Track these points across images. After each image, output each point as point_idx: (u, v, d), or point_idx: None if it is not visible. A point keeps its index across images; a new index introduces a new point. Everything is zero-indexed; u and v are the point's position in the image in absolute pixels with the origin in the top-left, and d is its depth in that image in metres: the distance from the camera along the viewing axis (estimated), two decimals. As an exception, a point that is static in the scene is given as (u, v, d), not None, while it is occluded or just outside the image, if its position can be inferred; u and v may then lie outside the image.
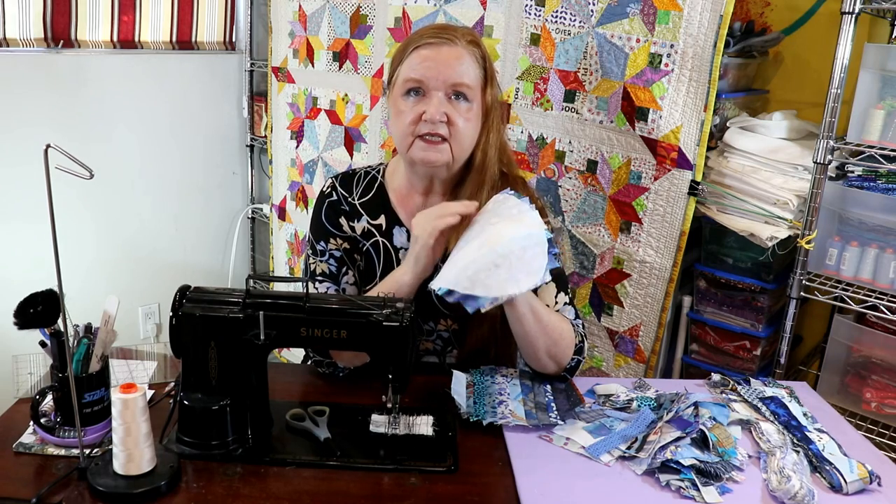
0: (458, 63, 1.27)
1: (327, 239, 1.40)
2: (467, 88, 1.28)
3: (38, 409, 1.06)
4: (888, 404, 1.67)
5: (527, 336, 1.25)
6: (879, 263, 1.59)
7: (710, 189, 1.73)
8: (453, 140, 1.29)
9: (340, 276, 1.39)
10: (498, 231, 1.16)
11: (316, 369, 1.34)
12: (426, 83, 1.27)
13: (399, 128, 1.30)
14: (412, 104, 1.28)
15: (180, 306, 1.07)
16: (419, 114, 1.27)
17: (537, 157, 1.95)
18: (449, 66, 1.27)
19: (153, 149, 2.71)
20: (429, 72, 1.26)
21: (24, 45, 2.31)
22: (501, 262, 1.13)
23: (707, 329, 1.87)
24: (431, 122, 1.26)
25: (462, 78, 1.27)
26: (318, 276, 1.38)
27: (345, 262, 1.39)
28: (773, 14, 1.88)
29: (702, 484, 1.04)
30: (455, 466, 1.07)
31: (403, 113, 1.29)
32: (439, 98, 1.27)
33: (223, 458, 1.06)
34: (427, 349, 1.44)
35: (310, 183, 2.65)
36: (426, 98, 1.28)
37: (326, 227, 1.40)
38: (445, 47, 1.27)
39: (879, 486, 1.07)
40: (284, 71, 2.65)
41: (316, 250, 1.40)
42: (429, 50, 1.27)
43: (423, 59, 1.27)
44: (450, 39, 1.28)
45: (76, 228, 2.53)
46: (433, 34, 1.29)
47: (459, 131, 1.29)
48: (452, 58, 1.27)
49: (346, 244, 1.40)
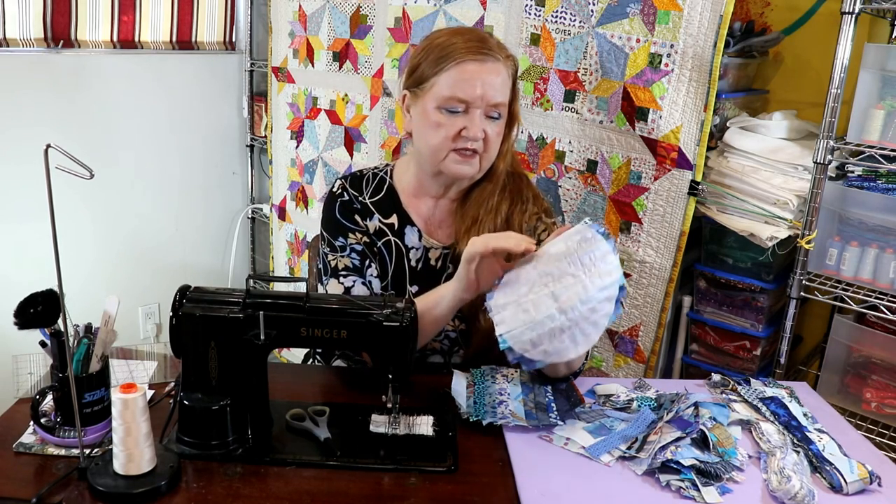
0: (499, 82, 1.29)
1: (346, 234, 1.39)
2: (503, 107, 1.31)
3: (38, 409, 1.06)
4: (888, 404, 1.67)
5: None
6: (879, 263, 1.59)
7: (710, 189, 1.73)
8: (484, 153, 1.32)
9: (365, 269, 1.39)
10: (575, 292, 1.11)
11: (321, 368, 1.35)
12: (471, 103, 1.28)
13: (433, 140, 1.31)
14: (451, 119, 1.29)
15: (180, 306, 1.07)
16: (458, 130, 1.29)
17: (537, 157, 1.95)
18: (492, 87, 1.28)
19: (153, 149, 2.71)
20: (474, 92, 1.27)
21: (24, 45, 2.31)
22: (568, 328, 1.12)
23: (707, 329, 1.87)
24: (473, 140, 1.28)
25: (500, 97, 1.29)
26: (342, 271, 1.37)
27: (367, 254, 1.39)
28: (773, 14, 1.88)
29: (702, 484, 1.04)
30: (455, 466, 1.07)
31: (442, 126, 1.29)
32: (479, 116, 1.29)
33: (223, 458, 1.06)
34: (434, 349, 1.44)
35: (310, 183, 2.65)
36: (466, 115, 1.29)
37: (343, 223, 1.40)
38: (489, 64, 1.28)
39: (879, 486, 1.07)
40: (284, 71, 2.65)
41: (335, 247, 1.39)
42: (473, 66, 1.27)
43: (469, 77, 1.27)
44: (492, 55, 1.29)
45: (76, 228, 2.53)
46: (475, 49, 1.28)
47: (490, 146, 1.32)
48: (494, 76, 1.28)
49: (365, 238, 1.40)
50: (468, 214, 1.38)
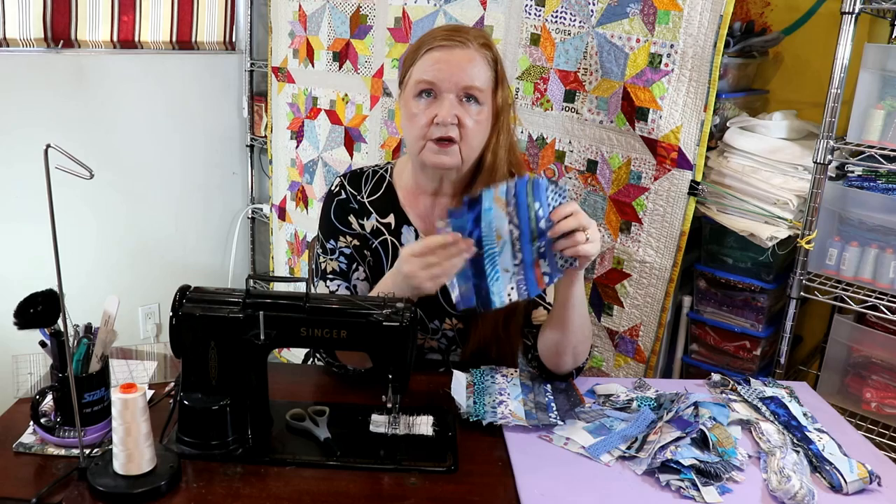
0: (470, 66, 1.28)
1: (336, 237, 1.41)
2: (478, 91, 1.29)
3: (38, 409, 1.06)
4: (888, 404, 1.67)
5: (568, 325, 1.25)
6: (879, 263, 1.59)
7: (710, 189, 1.73)
8: (463, 142, 1.30)
9: (351, 273, 1.39)
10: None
11: (321, 368, 1.34)
12: (438, 85, 1.27)
13: (412, 131, 1.31)
14: (424, 107, 1.29)
15: (180, 306, 1.07)
16: (431, 117, 1.28)
17: (537, 157, 1.95)
18: (461, 69, 1.27)
19: (153, 149, 2.71)
20: (441, 74, 1.27)
21: (24, 45, 2.31)
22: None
23: (707, 329, 1.87)
24: (443, 125, 1.27)
25: (473, 81, 1.28)
26: (329, 274, 1.39)
27: (355, 258, 1.40)
28: (773, 14, 1.88)
29: (702, 484, 1.04)
30: (455, 466, 1.07)
31: (416, 116, 1.30)
32: (451, 101, 1.27)
33: (223, 458, 1.06)
34: (432, 347, 1.45)
35: (310, 183, 2.65)
36: (438, 101, 1.28)
37: (336, 225, 1.41)
38: (458, 49, 1.28)
39: (879, 486, 1.07)
40: (284, 71, 2.65)
41: (326, 249, 1.41)
42: (441, 52, 1.28)
43: (436, 62, 1.28)
44: (462, 42, 1.28)
45: (76, 228, 2.53)
46: (445, 36, 1.29)
47: (469, 133, 1.29)
48: (464, 60, 1.28)
49: (355, 241, 1.41)
50: None
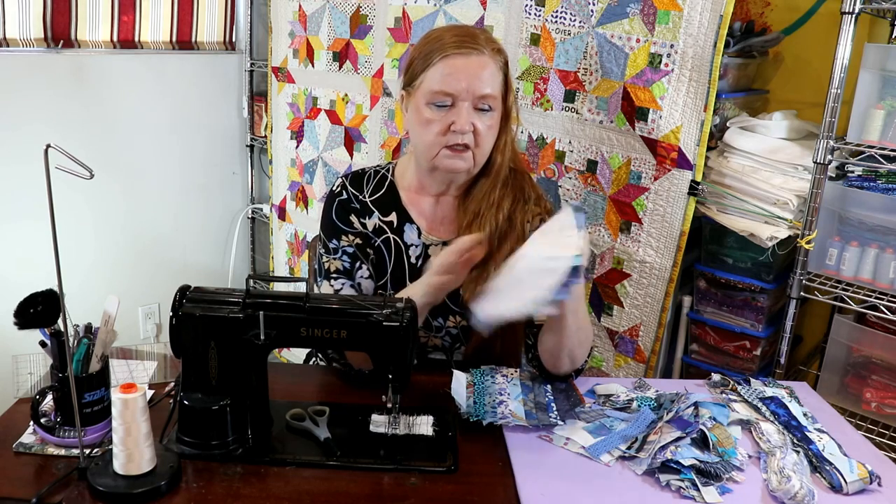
0: (485, 73, 1.29)
1: (339, 236, 1.41)
2: (492, 99, 1.30)
3: (38, 409, 1.06)
4: (888, 404, 1.67)
5: (564, 330, 1.23)
6: (879, 263, 1.59)
7: (710, 189, 1.73)
8: (476, 148, 1.32)
9: (355, 272, 1.40)
10: (520, 252, 1.11)
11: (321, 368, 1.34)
12: (455, 95, 1.28)
13: (426, 137, 1.32)
14: (439, 114, 1.30)
15: (180, 306, 1.07)
16: (447, 125, 1.29)
17: (537, 157, 1.95)
18: (477, 78, 1.28)
19: (153, 149, 2.71)
20: (459, 84, 1.28)
21: (24, 45, 2.31)
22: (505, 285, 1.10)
23: (707, 329, 1.87)
24: (461, 133, 1.28)
25: (488, 89, 1.29)
26: (333, 273, 1.40)
27: (358, 257, 1.41)
28: (773, 14, 1.88)
29: (702, 484, 1.04)
30: (455, 466, 1.07)
31: (432, 123, 1.30)
32: (467, 109, 1.29)
33: (223, 458, 1.06)
34: (435, 345, 1.45)
35: (310, 183, 2.65)
36: (454, 108, 1.29)
37: (338, 224, 1.42)
38: (473, 57, 1.28)
39: (879, 486, 1.07)
40: (284, 71, 2.65)
41: (329, 248, 1.41)
42: (458, 60, 1.28)
43: (453, 71, 1.28)
44: (477, 49, 1.29)
45: (76, 228, 2.53)
46: (459, 43, 1.29)
47: (482, 139, 1.32)
48: (480, 68, 1.28)
49: (357, 239, 1.41)
50: (469, 209, 1.39)
